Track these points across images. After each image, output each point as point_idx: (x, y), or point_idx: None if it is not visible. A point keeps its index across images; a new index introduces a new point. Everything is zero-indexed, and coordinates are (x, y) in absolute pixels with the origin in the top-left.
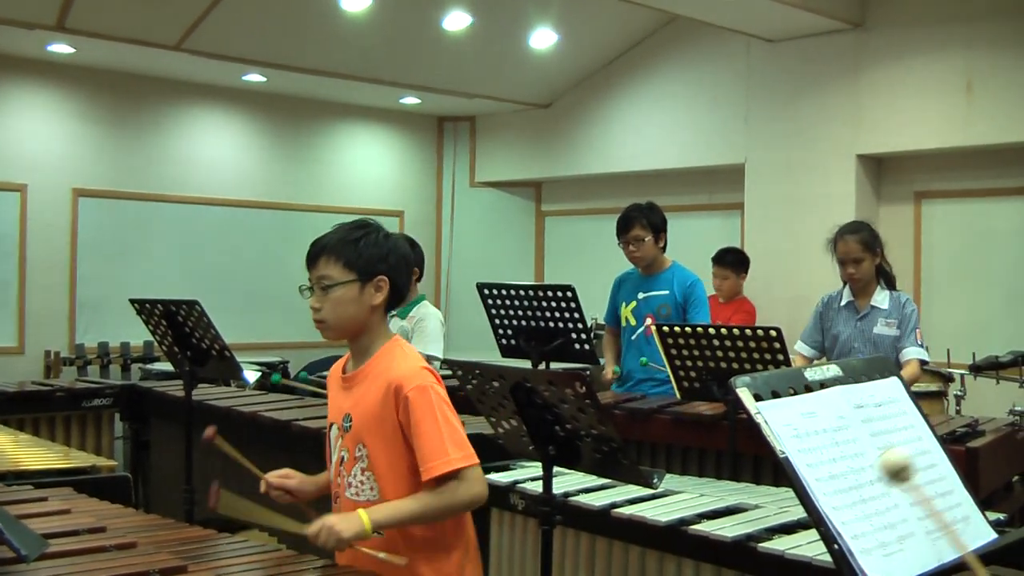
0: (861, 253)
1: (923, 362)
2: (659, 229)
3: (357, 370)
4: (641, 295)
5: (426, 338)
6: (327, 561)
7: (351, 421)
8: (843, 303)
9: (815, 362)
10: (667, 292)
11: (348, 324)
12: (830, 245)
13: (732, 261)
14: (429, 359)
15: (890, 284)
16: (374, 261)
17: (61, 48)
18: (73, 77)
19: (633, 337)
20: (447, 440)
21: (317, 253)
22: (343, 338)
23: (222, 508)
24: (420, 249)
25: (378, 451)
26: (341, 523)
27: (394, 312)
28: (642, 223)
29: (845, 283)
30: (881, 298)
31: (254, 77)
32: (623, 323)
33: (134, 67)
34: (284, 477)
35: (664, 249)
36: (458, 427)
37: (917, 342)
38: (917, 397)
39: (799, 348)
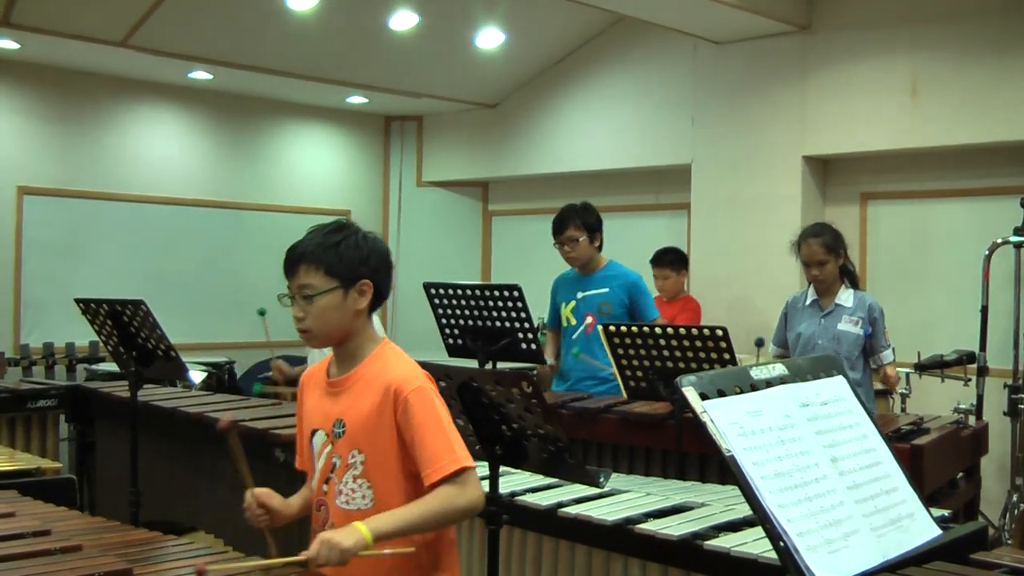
0: (825, 255)
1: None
2: (594, 229)
3: (347, 374)
4: (580, 294)
5: None
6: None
7: (344, 427)
8: (807, 302)
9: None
10: (607, 290)
11: (334, 331)
12: (793, 248)
13: (670, 260)
14: None
15: (854, 283)
16: (355, 265)
17: (6, 44)
18: (18, 73)
19: (574, 336)
20: (453, 440)
21: (296, 261)
22: (329, 345)
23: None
24: None
25: (374, 457)
26: (339, 535)
27: None
28: (576, 223)
29: (810, 284)
30: (845, 297)
31: (200, 75)
32: (564, 323)
33: (80, 64)
34: (268, 496)
35: (600, 248)
36: (456, 430)
37: (887, 343)
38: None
39: (772, 351)
